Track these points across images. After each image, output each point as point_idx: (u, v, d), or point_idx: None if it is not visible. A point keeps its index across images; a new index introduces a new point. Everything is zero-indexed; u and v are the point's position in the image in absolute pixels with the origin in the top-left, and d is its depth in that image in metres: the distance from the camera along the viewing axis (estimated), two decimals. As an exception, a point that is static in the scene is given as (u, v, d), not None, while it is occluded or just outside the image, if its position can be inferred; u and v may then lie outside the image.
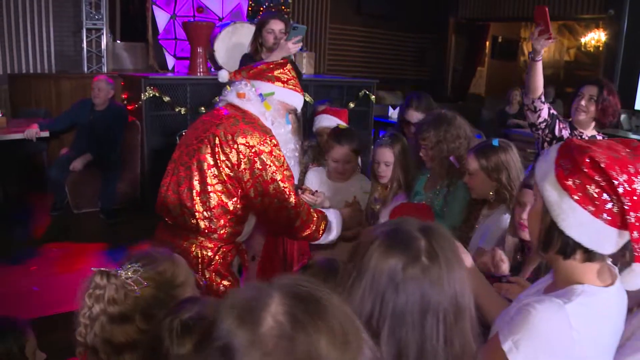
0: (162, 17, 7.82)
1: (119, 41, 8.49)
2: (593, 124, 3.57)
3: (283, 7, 8.52)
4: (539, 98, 3.49)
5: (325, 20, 10.39)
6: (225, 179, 2.63)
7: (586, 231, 1.45)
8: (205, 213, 2.65)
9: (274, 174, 2.62)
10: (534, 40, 3.32)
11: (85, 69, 7.93)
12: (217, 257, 2.73)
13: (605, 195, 1.42)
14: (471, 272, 1.91)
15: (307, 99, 7.09)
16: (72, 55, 8.04)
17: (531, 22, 12.40)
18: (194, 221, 2.66)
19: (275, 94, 2.77)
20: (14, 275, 4.59)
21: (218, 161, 2.61)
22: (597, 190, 1.42)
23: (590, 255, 1.48)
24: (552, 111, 3.58)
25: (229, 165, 2.61)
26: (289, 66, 2.86)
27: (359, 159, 3.99)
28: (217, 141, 2.62)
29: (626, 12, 8.24)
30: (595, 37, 11.42)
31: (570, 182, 1.46)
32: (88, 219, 6.11)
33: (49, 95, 7.21)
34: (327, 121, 4.00)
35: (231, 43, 6.65)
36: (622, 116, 8.81)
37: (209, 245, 2.71)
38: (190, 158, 2.69)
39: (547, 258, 1.60)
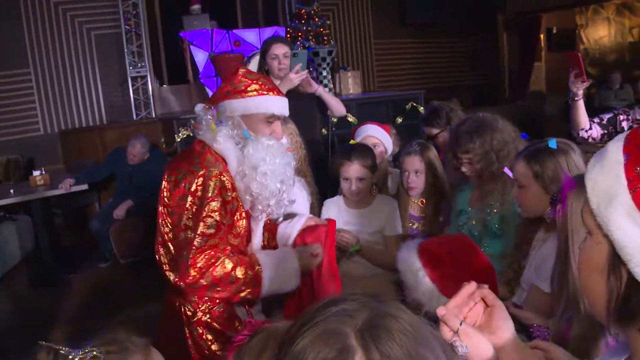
0: (201, 57, 7.51)
1: (165, 85, 8.25)
2: None
3: (322, 29, 7.99)
4: (582, 129, 3.44)
5: (369, 37, 9.75)
6: (172, 225, 2.18)
7: None
8: (170, 264, 2.18)
9: (189, 220, 2.10)
10: (571, 83, 3.32)
11: (135, 116, 7.73)
12: (199, 313, 2.21)
13: None
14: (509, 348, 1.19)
15: (351, 120, 6.51)
16: (121, 104, 7.89)
17: (586, 7, 11.37)
18: (165, 275, 2.21)
19: (235, 110, 2.22)
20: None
21: (165, 207, 2.18)
22: None
23: None
24: (604, 120, 3.46)
25: (170, 210, 2.18)
26: (241, 71, 2.29)
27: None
28: (162, 185, 2.20)
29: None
30: (659, 13, 10.25)
31: None
32: (136, 268, 5.71)
33: (96, 146, 6.99)
34: (372, 130, 3.44)
35: (262, 71, 6.17)
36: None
37: (192, 298, 2.21)
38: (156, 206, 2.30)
39: (625, 334, 0.91)
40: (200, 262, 2.08)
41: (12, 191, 5.50)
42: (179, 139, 5.61)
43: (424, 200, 3.12)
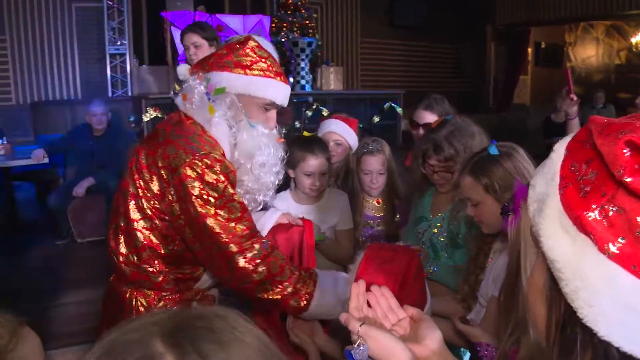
0: (181, 38, 7.29)
1: (144, 65, 8.02)
2: None
3: (307, 22, 7.80)
4: None
5: (356, 35, 9.58)
6: (151, 213, 1.84)
7: None
8: (131, 257, 1.88)
9: (205, 207, 1.74)
10: (563, 101, 3.32)
11: (110, 94, 7.49)
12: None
13: None
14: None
15: (325, 114, 6.34)
16: (98, 81, 7.65)
17: (576, 24, 11.30)
18: (118, 265, 1.91)
19: (232, 87, 1.86)
20: None
21: (139, 190, 1.84)
22: None
23: None
24: None
25: (153, 196, 1.82)
26: (251, 43, 1.91)
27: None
28: (138, 164, 1.85)
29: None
30: (647, 37, 10.18)
31: (594, 214, 0.60)
32: (92, 249, 5.47)
33: (65, 120, 6.76)
34: (334, 126, 3.21)
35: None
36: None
37: (147, 292, 1.92)
38: (121, 184, 1.94)
39: None
40: (250, 252, 1.77)
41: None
42: (146, 119, 5.37)
43: (380, 200, 2.96)
